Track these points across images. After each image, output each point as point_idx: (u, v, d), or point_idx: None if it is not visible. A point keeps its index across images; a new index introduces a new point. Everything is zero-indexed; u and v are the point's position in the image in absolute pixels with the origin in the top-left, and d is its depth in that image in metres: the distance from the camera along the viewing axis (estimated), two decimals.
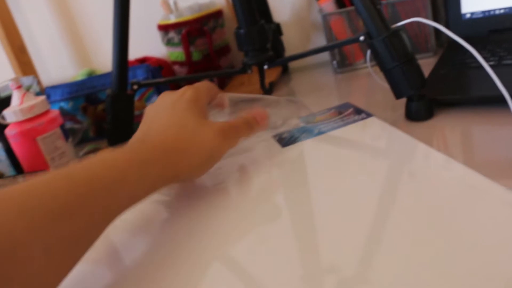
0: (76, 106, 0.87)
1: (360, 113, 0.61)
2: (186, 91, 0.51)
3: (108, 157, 0.41)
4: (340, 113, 0.63)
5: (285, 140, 0.59)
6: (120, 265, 0.41)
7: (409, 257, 0.32)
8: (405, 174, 0.44)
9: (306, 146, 0.56)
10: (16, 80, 0.67)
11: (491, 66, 0.61)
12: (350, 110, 0.63)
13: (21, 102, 0.66)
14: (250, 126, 0.53)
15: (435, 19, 0.83)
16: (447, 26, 0.79)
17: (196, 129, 0.47)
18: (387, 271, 0.31)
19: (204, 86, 0.54)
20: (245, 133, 0.52)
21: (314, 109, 0.67)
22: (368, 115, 0.60)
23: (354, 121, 0.59)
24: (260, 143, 0.60)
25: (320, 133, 0.58)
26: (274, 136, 0.61)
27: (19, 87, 0.67)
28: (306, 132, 0.60)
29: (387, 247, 0.34)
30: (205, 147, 0.46)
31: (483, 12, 0.76)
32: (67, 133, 0.70)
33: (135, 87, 0.68)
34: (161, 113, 0.49)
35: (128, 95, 0.68)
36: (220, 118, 0.57)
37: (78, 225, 0.34)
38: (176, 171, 0.44)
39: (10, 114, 0.66)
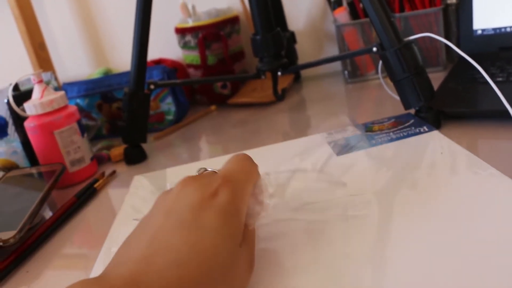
0: (91, 103, 0.89)
1: (421, 125, 0.59)
2: (219, 190, 0.34)
3: None
4: (400, 123, 0.61)
5: (340, 148, 0.57)
6: None
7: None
8: (469, 196, 0.42)
9: (362, 157, 0.54)
10: (38, 74, 0.69)
11: (500, 82, 0.63)
12: (411, 121, 0.61)
13: (41, 96, 0.68)
14: None
15: (447, 34, 0.84)
16: (458, 41, 0.81)
17: (229, 266, 0.32)
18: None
19: (245, 174, 0.38)
20: None
21: (324, 118, 0.68)
22: (430, 128, 0.58)
23: (415, 134, 0.57)
24: (314, 148, 0.59)
25: (378, 144, 0.56)
26: (329, 143, 0.59)
27: (40, 81, 0.69)
28: (362, 141, 0.58)
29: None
30: None
31: (494, 29, 0.77)
32: (83, 128, 0.72)
33: (152, 86, 0.70)
34: (175, 226, 0.32)
35: (145, 94, 0.70)
36: None
37: None
38: None
39: (31, 107, 0.68)
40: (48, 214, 0.62)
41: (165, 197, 0.35)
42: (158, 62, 0.99)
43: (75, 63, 1.13)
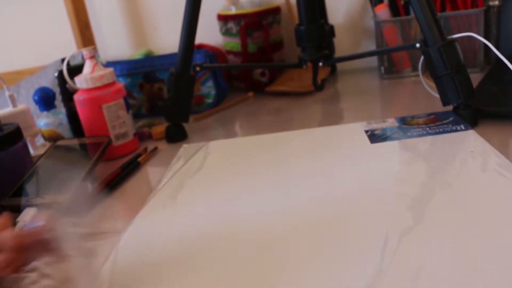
0: (133, 83, 0.93)
1: (458, 124, 0.61)
2: None
3: None
4: (438, 120, 0.63)
5: (376, 137, 0.60)
6: None
7: None
8: (494, 197, 0.43)
9: (394, 147, 0.57)
10: (90, 50, 0.72)
11: None
12: (450, 119, 0.62)
13: (92, 71, 0.72)
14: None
15: (486, 36, 0.85)
16: (497, 43, 0.82)
17: None
18: None
19: None
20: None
21: (358, 110, 0.70)
22: (467, 128, 0.59)
23: (450, 131, 0.59)
24: (350, 135, 0.63)
25: (413, 136, 0.59)
26: (367, 131, 0.63)
27: (92, 57, 0.72)
28: (398, 132, 0.61)
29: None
30: None
31: None
32: (128, 105, 0.75)
33: (197, 69, 0.73)
34: None
35: (191, 75, 0.73)
36: None
37: None
38: None
39: (81, 81, 0.71)
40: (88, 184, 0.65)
41: None
42: (199, 47, 1.02)
43: (116, 44, 1.17)
